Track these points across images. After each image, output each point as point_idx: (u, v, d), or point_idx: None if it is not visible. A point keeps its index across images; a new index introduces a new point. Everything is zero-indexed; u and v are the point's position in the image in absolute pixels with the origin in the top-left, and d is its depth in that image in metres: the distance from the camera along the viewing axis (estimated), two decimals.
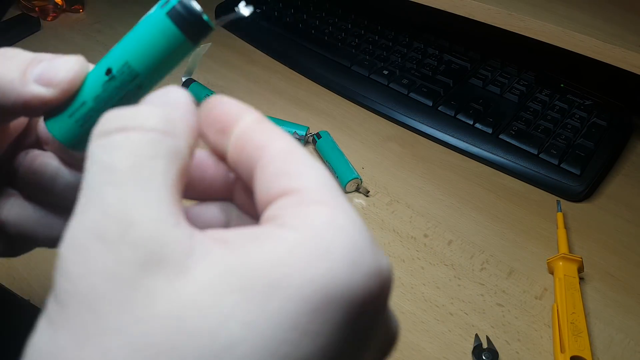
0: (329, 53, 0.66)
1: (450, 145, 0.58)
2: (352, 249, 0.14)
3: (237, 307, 0.13)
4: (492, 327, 0.42)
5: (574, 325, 0.41)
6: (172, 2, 0.19)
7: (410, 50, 0.67)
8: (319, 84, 0.65)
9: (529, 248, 0.49)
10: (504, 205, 0.53)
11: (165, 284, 0.13)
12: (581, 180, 0.53)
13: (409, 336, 0.41)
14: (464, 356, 0.40)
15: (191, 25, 0.19)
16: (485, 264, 0.47)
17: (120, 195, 0.15)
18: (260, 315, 0.13)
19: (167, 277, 0.14)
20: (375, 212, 0.51)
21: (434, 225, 0.50)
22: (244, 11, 0.20)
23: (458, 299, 0.44)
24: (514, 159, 0.55)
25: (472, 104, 0.60)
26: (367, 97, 0.62)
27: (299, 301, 0.13)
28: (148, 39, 0.19)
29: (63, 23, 0.73)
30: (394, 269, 0.46)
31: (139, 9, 0.77)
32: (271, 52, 0.70)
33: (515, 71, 0.65)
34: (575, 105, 0.60)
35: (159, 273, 0.14)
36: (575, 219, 0.51)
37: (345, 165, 0.53)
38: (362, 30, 0.70)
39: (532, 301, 0.44)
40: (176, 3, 0.19)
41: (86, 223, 0.15)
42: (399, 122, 0.60)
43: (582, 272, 0.46)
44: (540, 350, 0.41)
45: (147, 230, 0.14)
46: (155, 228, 0.14)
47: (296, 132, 0.56)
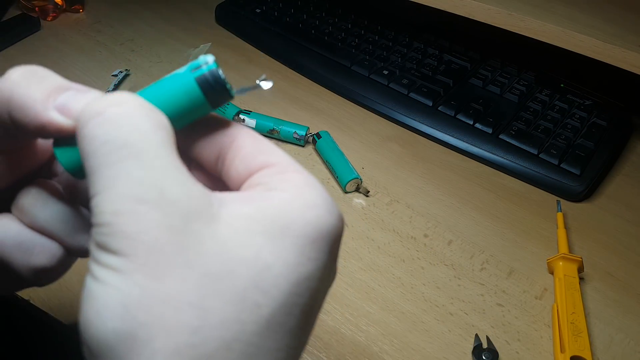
0: (329, 53, 0.66)
1: (450, 145, 0.58)
2: (326, 201, 0.19)
3: (264, 242, 0.18)
4: (492, 327, 0.42)
5: (574, 325, 0.41)
6: (203, 70, 0.20)
7: (410, 50, 0.67)
8: (319, 84, 0.65)
9: (529, 248, 0.49)
10: (504, 205, 0.53)
11: (206, 229, 0.17)
12: (581, 180, 0.53)
13: (409, 336, 0.41)
14: (464, 356, 0.40)
15: (215, 92, 0.20)
16: (485, 264, 0.47)
17: (143, 166, 0.17)
18: (281, 248, 0.18)
19: (205, 224, 0.17)
20: (375, 212, 0.51)
21: (434, 225, 0.50)
22: (265, 85, 0.23)
23: (458, 299, 0.44)
24: (514, 159, 0.55)
25: (472, 104, 0.60)
26: (367, 97, 0.62)
27: (303, 237, 0.18)
28: (171, 96, 0.20)
29: (63, 23, 0.73)
30: (394, 269, 0.46)
31: (139, 9, 0.77)
32: (271, 52, 0.70)
33: (515, 71, 0.65)
34: (575, 105, 0.60)
35: (198, 221, 0.17)
36: (575, 219, 0.51)
37: (345, 165, 0.53)
38: (362, 30, 0.70)
39: (532, 301, 0.44)
40: (206, 71, 0.20)
41: (122, 193, 0.17)
42: (399, 122, 0.60)
43: (582, 272, 0.46)
44: (540, 350, 0.41)
45: (176, 190, 0.17)
46: (182, 187, 0.18)
47: (296, 132, 0.56)
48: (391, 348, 0.40)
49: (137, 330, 0.16)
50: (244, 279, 0.17)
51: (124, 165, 0.17)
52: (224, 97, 0.21)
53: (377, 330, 0.41)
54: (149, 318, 0.16)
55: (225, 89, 0.20)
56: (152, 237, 0.17)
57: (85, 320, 0.17)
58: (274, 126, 0.56)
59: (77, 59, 0.67)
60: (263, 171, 0.20)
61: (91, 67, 0.65)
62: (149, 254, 0.16)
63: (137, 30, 0.72)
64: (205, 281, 0.17)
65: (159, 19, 0.75)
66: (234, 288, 0.17)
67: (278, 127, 0.56)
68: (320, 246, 0.19)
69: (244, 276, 0.17)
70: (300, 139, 0.56)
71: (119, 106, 0.19)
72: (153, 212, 0.17)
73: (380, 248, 0.47)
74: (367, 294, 0.44)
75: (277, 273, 0.17)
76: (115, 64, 0.66)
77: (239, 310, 0.17)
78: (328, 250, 0.19)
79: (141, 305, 0.16)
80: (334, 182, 0.53)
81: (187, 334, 0.16)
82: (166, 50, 0.69)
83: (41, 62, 0.65)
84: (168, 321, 0.16)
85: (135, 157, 0.17)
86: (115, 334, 0.16)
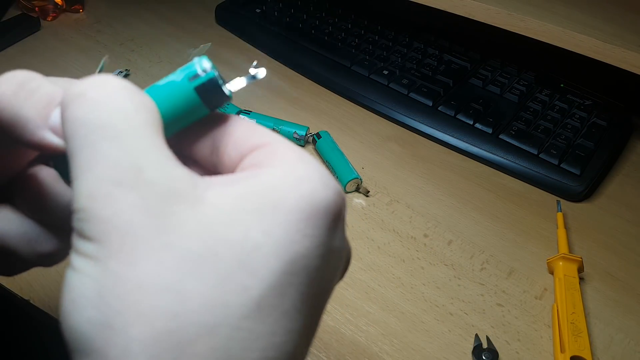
0: (329, 53, 0.66)
1: (450, 145, 0.58)
2: (322, 175, 0.18)
3: (254, 221, 0.17)
4: (492, 327, 0.42)
5: (574, 325, 0.41)
6: (202, 79, 0.19)
7: (410, 50, 0.67)
8: (319, 84, 0.65)
9: (529, 248, 0.49)
10: (504, 205, 0.53)
11: (188, 210, 0.16)
12: (581, 180, 0.53)
13: (409, 336, 0.41)
14: (464, 356, 0.40)
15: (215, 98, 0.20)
16: (485, 264, 0.47)
17: (122, 147, 0.17)
18: (273, 226, 0.17)
19: (187, 205, 0.16)
20: (375, 212, 0.51)
21: (434, 225, 0.50)
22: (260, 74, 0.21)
23: (458, 299, 0.44)
24: (514, 159, 0.55)
25: (472, 104, 0.60)
26: (367, 97, 0.62)
27: (296, 213, 0.17)
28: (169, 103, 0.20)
29: (63, 23, 0.73)
30: (394, 269, 0.46)
31: (139, 9, 0.77)
32: (271, 52, 0.70)
33: (515, 71, 0.65)
34: (575, 105, 0.60)
35: (180, 203, 0.16)
36: (575, 219, 0.51)
37: (345, 165, 0.53)
38: (362, 30, 0.70)
39: (532, 301, 0.44)
40: (206, 81, 0.19)
41: (98, 176, 0.16)
42: (399, 122, 0.60)
43: (582, 272, 0.46)
44: (540, 350, 0.41)
45: (155, 172, 0.17)
46: (162, 169, 0.17)
47: (296, 132, 0.56)
48: (391, 348, 0.40)
49: (112, 319, 0.15)
50: (229, 260, 0.16)
51: (101, 146, 0.17)
52: (223, 100, 0.20)
53: (377, 330, 0.41)
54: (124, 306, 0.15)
55: (225, 94, 0.20)
56: (126, 220, 0.16)
57: (63, 312, 0.16)
58: (274, 126, 0.56)
59: (77, 59, 0.67)
60: (254, 152, 0.20)
61: (91, 67, 0.65)
62: (123, 238, 0.16)
63: (137, 30, 0.72)
64: (185, 264, 0.16)
65: (159, 19, 0.75)
66: (217, 270, 0.16)
67: (278, 127, 0.56)
68: (316, 222, 0.17)
69: (229, 257, 0.16)
70: (300, 139, 0.56)
71: (100, 87, 0.18)
72: (129, 194, 0.16)
73: (380, 248, 0.47)
74: (367, 294, 0.44)
75: (267, 252, 0.16)
76: (115, 64, 0.66)
77: (223, 293, 0.16)
78: (326, 226, 0.18)
79: (116, 292, 0.15)
80: None
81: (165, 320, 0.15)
82: (166, 50, 0.69)
83: (41, 62, 0.65)
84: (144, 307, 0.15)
85: (114, 139, 0.17)
86: (91, 324, 0.15)
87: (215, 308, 0.16)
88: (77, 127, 0.17)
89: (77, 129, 0.17)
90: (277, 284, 0.16)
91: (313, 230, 0.17)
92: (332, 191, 0.18)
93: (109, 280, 0.16)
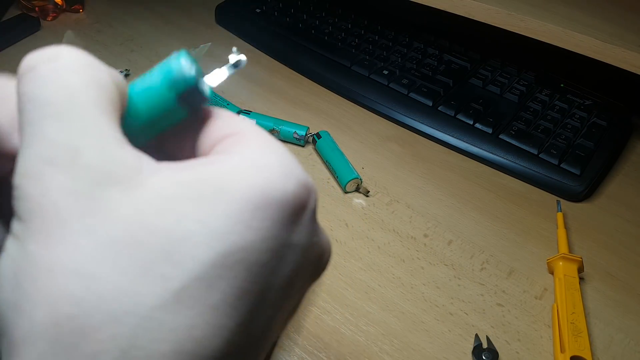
0: (329, 53, 0.66)
1: (450, 145, 0.58)
2: (284, 164, 0.17)
3: (190, 209, 0.16)
4: (492, 327, 0.42)
5: (574, 325, 0.41)
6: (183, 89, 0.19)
7: (410, 50, 0.67)
8: (319, 84, 0.65)
9: (529, 248, 0.49)
10: (504, 205, 0.53)
11: (122, 195, 0.16)
12: (581, 180, 0.53)
13: (409, 336, 0.41)
14: (464, 356, 0.40)
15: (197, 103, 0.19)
16: (485, 264, 0.47)
17: (61, 126, 0.16)
18: (210, 214, 0.16)
19: (122, 190, 0.16)
20: (375, 212, 0.51)
21: (434, 225, 0.50)
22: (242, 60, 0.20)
23: (458, 299, 0.44)
24: (514, 159, 0.55)
25: (472, 104, 0.60)
26: (367, 97, 0.62)
27: (241, 201, 0.16)
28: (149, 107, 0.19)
29: (63, 23, 0.73)
30: (394, 269, 0.46)
31: (139, 9, 0.77)
32: (271, 52, 0.70)
33: (515, 71, 0.65)
34: (575, 105, 0.60)
35: (114, 187, 0.16)
36: (575, 219, 0.51)
37: (345, 165, 0.53)
38: (362, 30, 0.70)
39: (532, 301, 0.44)
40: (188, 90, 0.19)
41: (35, 153, 0.16)
42: (399, 122, 0.60)
43: (582, 272, 0.46)
44: (540, 350, 0.41)
45: (93, 153, 0.16)
46: (101, 151, 0.16)
47: (296, 132, 0.56)
48: (391, 348, 0.40)
49: (22, 301, 0.15)
50: (152, 249, 0.15)
51: (42, 124, 0.16)
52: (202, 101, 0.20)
53: (377, 330, 0.41)
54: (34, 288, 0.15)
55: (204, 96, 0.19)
56: (52, 201, 0.15)
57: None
58: (274, 126, 0.56)
59: None
60: (224, 140, 0.19)
61: None
62: (45, 219, 0.15)
63: (137, 30, 0.72)
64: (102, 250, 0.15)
65: (159, 19, 0.75)
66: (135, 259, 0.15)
67: (278, 127, 0.56)
68: (266, 214, 0.16)
69: (153, 246, 0.15)
70: (300, 139, 0.56)
71: (51, 61, 0.17)
72: (59, 175, 0.15)
73: (380, 248, 0.47)
74: (367, 294, 0.44)
75: (197, 242, 0.16)
76: (115, 64, 0.66)
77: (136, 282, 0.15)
78: (280, 220, 0.17)
79: (28, 274, 0.15)
80: (334, 182, 0.53)
81: (69, 305, 0.15)
82: (166, 50, 0.69)
83: None
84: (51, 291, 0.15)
85: (55, 117, 0.16)
86: (6, 305, 0.15)
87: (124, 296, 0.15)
88: (24, 102, 0.17)
89: (24, 105, 0.17)
90: (205, 276, 0.16)
91: (260, 223, 0.16)
92: (292, 182, 0.17)
93: (24, 261, 0.15)
